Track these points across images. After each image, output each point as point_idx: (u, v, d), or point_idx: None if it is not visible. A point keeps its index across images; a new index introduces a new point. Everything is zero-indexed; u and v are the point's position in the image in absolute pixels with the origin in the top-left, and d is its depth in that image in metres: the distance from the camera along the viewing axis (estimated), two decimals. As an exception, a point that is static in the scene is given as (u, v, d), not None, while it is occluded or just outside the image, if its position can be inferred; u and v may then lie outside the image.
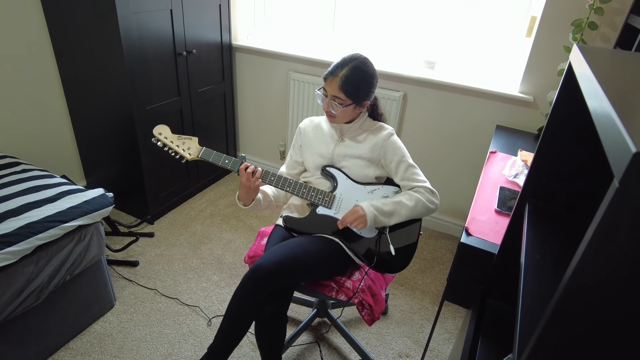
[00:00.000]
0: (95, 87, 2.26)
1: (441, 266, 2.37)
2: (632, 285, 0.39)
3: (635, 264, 0.37)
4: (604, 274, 0.40)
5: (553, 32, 2.01)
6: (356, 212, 1.38)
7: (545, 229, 0.90)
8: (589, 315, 0.43)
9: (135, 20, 2.05)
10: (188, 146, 1.47)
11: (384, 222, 1.41)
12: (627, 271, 0.38)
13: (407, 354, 1.83)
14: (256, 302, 1.31)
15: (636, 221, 0.34)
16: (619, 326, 0.42)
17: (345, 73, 1.36)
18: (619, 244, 0.36)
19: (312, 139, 1.57)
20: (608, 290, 0.41)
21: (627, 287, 0.39)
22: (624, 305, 0.41)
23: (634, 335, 0.42)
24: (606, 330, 0.43)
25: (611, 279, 0.39)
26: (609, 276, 0.40)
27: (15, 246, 1.37)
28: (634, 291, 0.39)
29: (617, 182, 0.34)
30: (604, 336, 0.44)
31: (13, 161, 1.89)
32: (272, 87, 2.90)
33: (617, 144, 0.36)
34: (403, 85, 2.45)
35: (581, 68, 0.66)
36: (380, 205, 1.40)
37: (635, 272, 0.37)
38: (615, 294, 0.40)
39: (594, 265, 0.39)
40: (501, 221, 1.37)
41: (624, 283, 0.39)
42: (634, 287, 0.39)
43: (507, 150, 1.94)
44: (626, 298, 0.40)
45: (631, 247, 0.36)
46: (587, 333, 0.45)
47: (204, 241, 2.43)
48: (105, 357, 1.71)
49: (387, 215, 1.40)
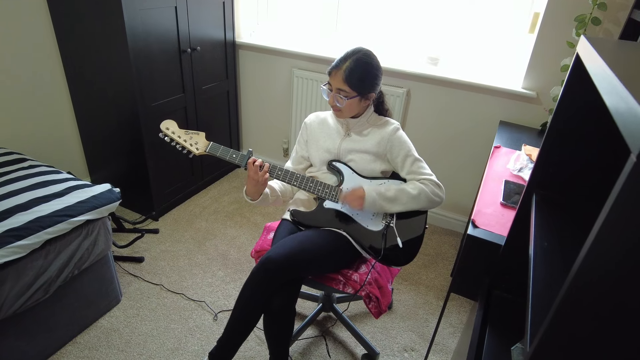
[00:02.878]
0: (100, 84, 2.27)
1: (445, 262, 2.39)
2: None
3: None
4: (620, 254, 0.40)
5: (556, 28, 2.02)
6: (356, 192, 1.41)
7: (553, 217, 0.91)
8: (603, 297, 0.44)
9: (140, 17, 2.06)
10: (195, 141, 1.48)
11: (385, 207, 1.43)
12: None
13: (412, 348, 1.84)
14: (266, 294, 1.33)
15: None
16: (635, 312, 0.43)
17: (349, 65, 1.37)
18: (638, 214, 0.37)
19: (318, 133, 1.58)
20: (625, 272, 0.41)
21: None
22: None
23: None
24: (620, 316, 0.44)
25: (628, 259, 0.40)
26: (625, 256, 0.40)
27: (24, 240, 1.38)
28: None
29: (635, 156, 0.35)
30: (618, 323, 0.45)
31: (20, 157, 1.90)
32: (275, 84, 2.91)
33: (633, 120, 0.37)
34: (406, 82, 2.46)
35: (591, 58, 0.67)
36: (383, 191, 1.42)
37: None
38: (632, 276, 0.41)
39: (611, 244, 0.40)
40: (507, 214, 1.38)
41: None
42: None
43: (511, 145, 1.95)
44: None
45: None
46: (601, 318, 0.45)
47: (209, 237, 2.44)
48: (112, 351, 1.72)
49: (389, 200, 1.42)
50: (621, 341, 0.45)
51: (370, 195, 1.41)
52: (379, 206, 1.42)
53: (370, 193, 1.41)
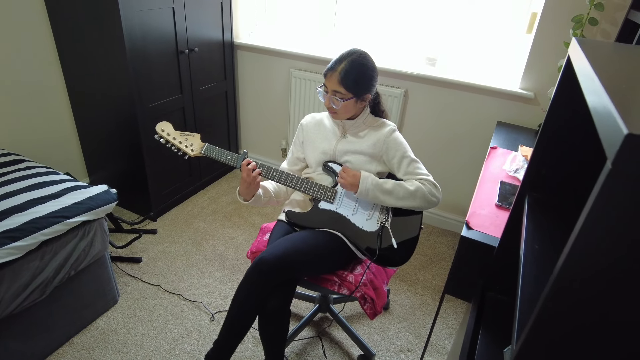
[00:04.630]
0: (98, 86, 2.28)
1: (442, 262, 2.38)
2: (627, 265, 0.40)
3: (630, 242, 0.38)
4: (599, 254, 0.41)
5: (553, 29, 2.02)
6: (352, 171, 1.43)
7: (544, 220, 0.91)
8: (584, 296, 0.44)
9: (137, 18, 2.07)
10: (190, 142, 1.48)
11: (380, 198, 1.43)
12: (623, 250, 0.39)
13: (408, 349, 1.84)
14: (260, 295, 1.33)
15: (628, 200, 0.35)
16: (614, 312, 0.43)
17: (344, 67, 1.37)
18: (613, 223, 0.37)
19: (313, 135, 1.58)
20: (602, 275, 0.42)
21: (622, 268, 0.40)
22: (619, 289, 0.41)
23: (629, 321, 0.43)
24: (600, 316, 0.44)
25: (606, 259, 0.40)
26: (603, 256, 0.40)
27: (20, 241, 1.39)
28: (628, 272, 0.40)
29: (610, 163, 0.35)
30: (598, 323, 0.45)
31: (17, 158, 1.91)
32: (273, 84, 2.91)
33: (610, 126, 0.37)
34: (404, 82, 2.46)
35: (579, 59, 0.67)
36: (380, 182, 1.43)
37: (630, 251, 0.39)
38: (609, 276, 0.41)
39: (589, 245, 0.40)
40: (502, 215, 1.38)
41: (619, 263, 0.40)
42: (629, 267, 0.40)
43: (508, 146, 1.95)
44: (621, 281, 0.41)
45: (624, 224, 0.37)
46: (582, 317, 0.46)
47: (207, 238, 2.45)
48: (109, 352, 1.73)
49: (384, 192, 1.42)
50: (600, 341, 0.46)
51: (366, 179, 1.41)
52: (372, 195, 1.42)
53: (366, 180, 1.42)
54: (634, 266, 0.39)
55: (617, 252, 0.39)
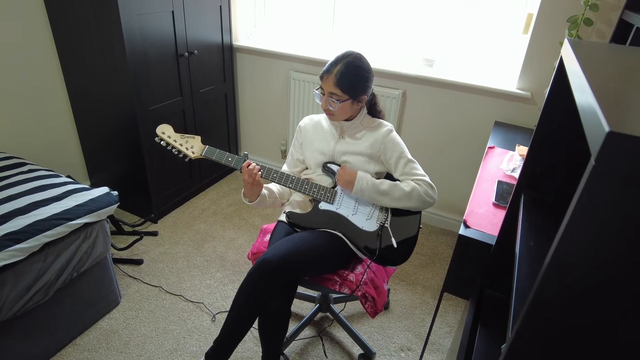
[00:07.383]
0: (98, 89, 2.30)
1: (442, 262, 2.40)
2: (612, 260, 0.41)
3: (613, 236, 0.39)
4: (585, 249, 0.42)
5: (549, 29, 2.03)
6: (348, 174, 1.46)
7: (539, 218, 0.93)
8: (572, 291, 0.46)
9: (137, 22, 2.09)
10: (191, 145, 1.50)
11: (376, 198, 1.45)
12: (607, 244, 0.40)
13: (408, 348, 1.85)
14: (262, 296, 1.34)
15: (610, 196, 0.37)
16: (600, 307, 0.44)
17: (340, 69, 1.39)
18: (597, 218, 0.39)
19: (312, 136, 1.60)
20: (587, 271, 0.43)
21: (606, 261, 0.42)
22: (605, 283, 0.43)
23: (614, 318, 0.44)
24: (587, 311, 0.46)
25: (591, 253, 0.42)
26: (589, 250, 0.42)
27: (23, 243, 1.40)
28: (613, 266, 0.42)
29: (594, 160, 0.37)
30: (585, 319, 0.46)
31: (19, 162, 1.93)
32: (272, 86, 2.93)
33: (594, 124, 0.38)
34: (402, 83, 2.47)
35: (570, 59, 0.69)
36: (377, 183, 1.45)
37: (613, 244, 0.40)
38: (595, 270, 0.43)
39: (575, 240, 0.42)
40: (499, 214, 1.39)
41: (603, 256, 0.41)
42: (614, 261, 0.41)
43: (505, 145, 1.97)
44: (606, 275, 0.42)
45: (607, 219, 0.38)
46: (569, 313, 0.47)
47: (207, 239, 2.46)
48: (111, 353, 1.74)
49: (380, 192, 1.44)
50: (588, 336, 0.47)
51: (362, 179, 1.44)
52: (369, 196, 1.45)
53: (362, 178, 1.44)
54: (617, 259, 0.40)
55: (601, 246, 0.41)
